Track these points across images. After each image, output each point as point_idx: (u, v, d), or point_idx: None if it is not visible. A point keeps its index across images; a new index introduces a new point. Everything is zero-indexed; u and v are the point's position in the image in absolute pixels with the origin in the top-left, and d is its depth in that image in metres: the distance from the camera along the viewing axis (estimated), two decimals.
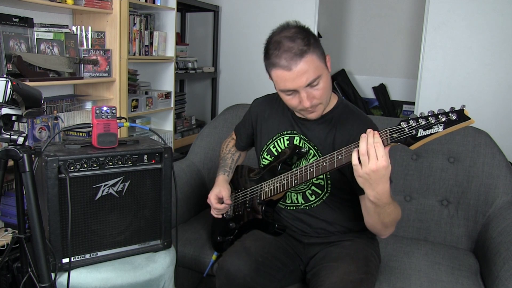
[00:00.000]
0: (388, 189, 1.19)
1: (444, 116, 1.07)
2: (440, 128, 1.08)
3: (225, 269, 1.37)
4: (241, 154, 1.79)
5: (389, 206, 1.24)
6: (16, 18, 1.98)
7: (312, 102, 1.33)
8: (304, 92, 1.31)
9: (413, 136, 1.11)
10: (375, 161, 1.12)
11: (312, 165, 1.33)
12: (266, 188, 1.51)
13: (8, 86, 1.10)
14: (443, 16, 2.86)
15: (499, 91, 2.79)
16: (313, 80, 1.29)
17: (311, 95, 1.32)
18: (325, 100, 1.38)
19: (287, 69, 1.28)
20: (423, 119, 1.10)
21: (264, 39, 1.39)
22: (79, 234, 1.34)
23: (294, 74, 1.28)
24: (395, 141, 1.14)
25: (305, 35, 1.30)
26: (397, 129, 1.14)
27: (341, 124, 1.44)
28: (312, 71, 1.28)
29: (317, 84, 1.31)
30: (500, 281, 1.44)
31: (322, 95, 1.34)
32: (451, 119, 1.07)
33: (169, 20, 2.95)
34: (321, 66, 1.32)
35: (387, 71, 3.98)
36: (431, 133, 1.09)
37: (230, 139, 1.83)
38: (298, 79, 1.28)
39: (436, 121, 1.08)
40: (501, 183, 1.80)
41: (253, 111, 1.66)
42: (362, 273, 1.34)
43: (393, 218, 1.30)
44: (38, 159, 1.30)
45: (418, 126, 1.10)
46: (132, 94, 2.76)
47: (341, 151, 1.24)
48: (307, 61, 1.27)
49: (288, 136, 1.54)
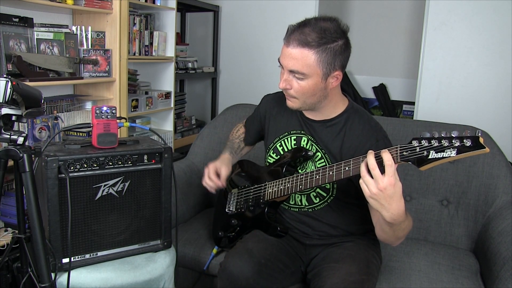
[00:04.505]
0: (403, 207, 1.13)
1: (458, 141, 1.03)
2: (453, 152, 1.04)
3: (228, 271, 1.37)
4: (247, 147, 1.79)
5: (404, 223, 1.19)
6: (16, 18, 1.98)
7: (285, 87, 1.35)
8: (286, 73, 1.34)
9: (424, 157, 1.07)
10: (381, 179, 1.08)
11: (319, 172, 1.32)
12: (270, 189, 1.51)
13: (8, 86, 1.10)
14: (443, 16, 2.86)
15: (499, 91, 2.79)
16: (297, 71, 1.31)
17: (289, 82, 1.34)
18: (302, 99, 1.37)
19: (287, 44, 1.32)
20: (436, 140, 1.06)
21: (264, 39, 1.40)
22: (79, 234, 1.34)
23: (287, 51, 1.31)
24: (405, 160, 1.10)
25: (327, 36, 1.28)
26: (408, 147, 1.10)
27: (349, 129, 1.42)
28: (300, 64, 1.29)
29: (300, 79, 1.32)
30: (500, 281, 1.44)
31: (299, 91, 1.34)
32: (465, 145, 1.02)
33: (169, 20, 2.95)
34: (315, 69, 1.30)
35: (387, 71, 3.98)
36: (443, 156, 1.05)
37: (241, 125, 1.82)
38: (286, 58, 1.32)
39: (449, 145, 1.04)
40: (501, 183, 1.80)
41: (262, 107, 1.67)
42: (363, 274, 1.34)
43: (407, 231, 1.27)
44: (38, 159, 1.30)
45: (430, 148, 1.06)
46: (132, 94, 2.76)
47: (348, 162, 1.23)
48: (302, 53, 1.28)
49: (296, 136, 1.53)
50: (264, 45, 3.49)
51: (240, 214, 1.61)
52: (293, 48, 1.29)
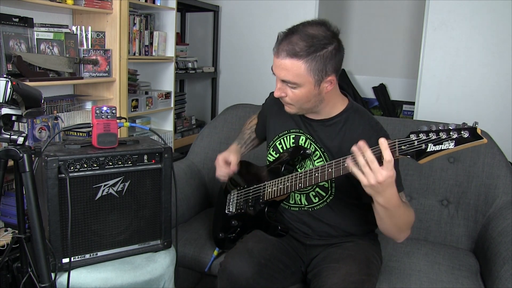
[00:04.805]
0: (395, 192, 1.19)
1: (456, 133, 1.04)
2: (451, 144, 1.05)
3: (228, 271, 1.37)
4: (257, 139, 1.79)
5: (400, 208, 1.23)
6: (16, 18, 1.98)
7: (280, 95, 1.36)
8: (279, 83, 1.35)
9: (423, 150, 1.08)
10: (380, 172, 1.11)
11: (317, 169, 1.33)
12: (269, 188, 1.51)
13: (8, 86, 1.10)
14: (443, 16, 2.86)
15: (499, 91, 2.79)
16: (288, 81, 1.31)
17: (284, 90, 1.35)
18: (298, 105, 1.38)
19: (277, 55, 1.32)
20: (433, 133, 1.07)
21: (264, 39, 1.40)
22: (79, 234, 1.34)
23: (278, 62, 1.32)
24: (403, 154, 1.12)
25: (316, 44, 1.26)
26: (406, 141, 1.11)
27: (349, 128, 1.43)
28: (291, 75, 1.29)
29: (293, 88, 1.33)
30: (500, 281, 1.44)
31: (293, 99, 1.36)
32: (463, 137, 1.04)
33: (169, 20, 2.95)
34: (306, 78, 1.29)
35: (387, 71, 3.98)
36: (441, 149, 1.06)
37: (255, 116, 1.82)
38: (277, 69, 1.33)
39: (447, 137, 1.05)
40: (501, 183, 1.80)
41: (266, 105, 1.70)
42: (363, 274, 1.34)
43: (407, 221, 1.30)
44: (38, 159, 1.30)
45: (428, 140, 1.07)
46: (132, 94, 2.76)
47: (347, 158, 1.24)
48: (292, 64, 1.28)
49: (294, 135, 1.53)
50: (264, 45, 3.48)
51: (240, 215, 1.61)
52: (282, 59, 1.29)
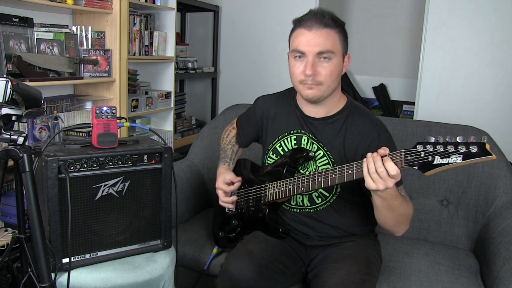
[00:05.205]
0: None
1: (464, 147, 1.02)
2: (458, 159, 1.03)
3: (229, 272, 1.36)
4: (241, 149, 1.77)
5: (397, 199, 1.24)
6: (16, 18, 1.98)
7: (314, 73, 1.34)
8: (312, 58, 1.33)
9: (429, 163, 1.06)
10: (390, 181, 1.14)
11: (321, 174, 1.33)
12: (271, 190, 1.50)
13: (8, 86, 1.10)
14: (443, 16, 2.86)
15: (499, 91, 2.79)
16: (326, 50, 1.33)
17: (316, 67, 1.34)
18: (327, 84, 1.36)
19: (309, 28, 1.34)
20: (441, 145, 1.05)
21: (264, 39, 1.40)
22: (79, 234, 1.34)
23: (312, 35, 1.33)
24: (409, 165, 1.10)
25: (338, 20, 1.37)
26: (412, 152, 1.10)
27: (351, 125, 1.43)
28: (329, 43, 1.33)
29: (327, 59, 1.33)
30: (500, 281, 1.44)
31: (326, 75, 1.35)
32: (471, 152, 1.02)
33: (169, 20, 2.95)
34: (339, 49, 1.36)
35: (387, 71, 3.98)
36: (448, 162, 1.04)
37: (231, 128, 1.79)
38: (313, 42, 1.33)
39: (455, 151, 1.03)
40: (501, 183, 1.80)
41: (258, 109, 1.64)
42: (363, 274, 1.34)
43: (405, 213, 1.30)
44: (38, 159, 1.30)
45: (435, 153, 1.06)
46: (132, 94, 2.76)
47: (351, 166, 1.24)
48: (329, 33, 1.33)
49: (296, 136, 1.52)
50: (264, 45, 3.49)
51: (240, 215, 1.61)
52: (317, 30, 1.33)
